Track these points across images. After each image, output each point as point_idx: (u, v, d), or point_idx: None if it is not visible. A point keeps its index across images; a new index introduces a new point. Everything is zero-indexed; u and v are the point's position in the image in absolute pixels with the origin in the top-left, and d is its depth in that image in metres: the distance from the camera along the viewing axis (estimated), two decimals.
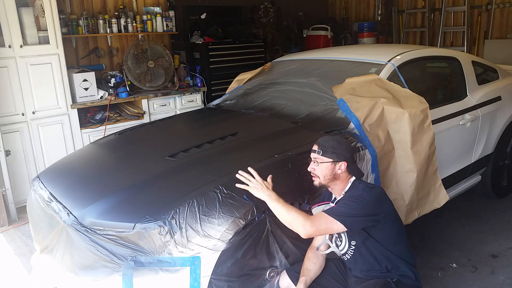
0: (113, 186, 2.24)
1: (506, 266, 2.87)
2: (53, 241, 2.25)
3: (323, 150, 2.03)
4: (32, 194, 2.57)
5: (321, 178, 2.04)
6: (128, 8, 4.95)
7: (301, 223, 1.85)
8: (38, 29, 4.04)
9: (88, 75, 4.36)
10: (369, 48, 4.00)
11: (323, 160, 2.02)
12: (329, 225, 1.87)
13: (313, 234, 1.89)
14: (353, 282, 2.07)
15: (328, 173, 2.02)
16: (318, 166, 2.03)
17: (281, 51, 7.92)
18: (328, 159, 2.02)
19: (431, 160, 2.63)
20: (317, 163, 2.03)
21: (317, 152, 2.04)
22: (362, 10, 8.81)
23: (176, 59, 5.27)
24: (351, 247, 2.02)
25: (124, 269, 1.84)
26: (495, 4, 6.72)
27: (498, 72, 3.77)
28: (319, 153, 2.03)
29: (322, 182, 2.04)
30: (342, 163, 2.02)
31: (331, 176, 2.03)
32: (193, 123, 3.33)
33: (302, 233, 1.86)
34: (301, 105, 2.97)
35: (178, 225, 1.85)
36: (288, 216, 1.89)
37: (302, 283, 2.00)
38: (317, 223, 1.86)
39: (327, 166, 2.02)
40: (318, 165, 2.03)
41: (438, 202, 2.72)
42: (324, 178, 2.03)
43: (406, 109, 2.53)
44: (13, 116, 3.92)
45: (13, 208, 3.87)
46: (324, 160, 2.02)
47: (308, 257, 2.10)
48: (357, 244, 2.00)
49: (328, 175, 2.02)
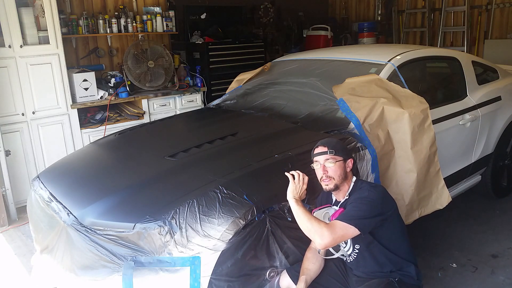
0: (113, 186, 2.24)
1: (506, 266, 2.86)
2: (53, 241, 2.24)
3: (334, 149, 2.02)
4: (32, 194, 2.57)
5: (336, 179, 2.00)
6: (128, 8, 4.95)
7: (318, 233, 1.81)
8: (38, 29, 4.05)
9: (88, 75, 4.36)
10: (369, 48, 4.00)
11: (337, 159, 2.01)
12: (344, 231, 1.84)
13: (330, 245, 1.84)
14: (354, 281, 2.06)
15: (341, 172, 2.01)
16: (334, 165, 2.00)
17: (281, 51, 7.92)
18: (340, 158, 2.02)
19: (432, 160, 2.62)
20: (333, 162, 2.00)
21: (329, 153, 2.01)
22: (362, 10, 8.82)
23: (176, 59, 5.27)
24: (354, 250, 2.02)
25: (124, 269, 1.84)
26: (495, 4, 6.72)
27: (498, 72, 3.77)
28: (331, 153, 2.01)
29: (337, 183, 2.01)
30: (350, 160, 2.04)
31: (344, 175, 2.02)
32: (193, 123, 3.33)
33: (320, 243, 1.82)
34: (301, 105, 2.97)
35: (178, 225, 1.85)
36: (308, 224, 1.85)
37: (302, 282, 2.00)
38: (334, 231, 1.82)
39: (340, 164, 2.02)
40: (334, 164, 2.00)
41: (441, 203, 2.71)
42: (339, 178, 2.01)
43: (406, 109, 2.52)
44: (13, 116, 3.92)
45: (13, 208, 3.87)
46: (337, 159, 2.01)
47: (307, 257, 2.09)
48: (361, 248, 1.99)
49: (342, 174, 2.01)
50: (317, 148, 2.06)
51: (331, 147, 2.02)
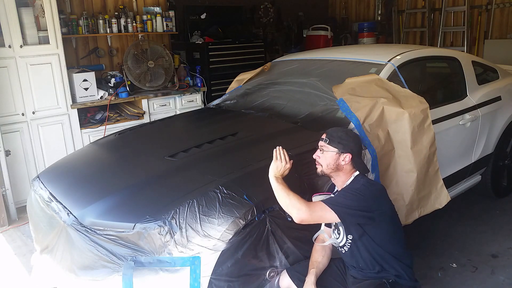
0: (113, 186, 2.24)
1: (506, 266, 2.87)
2: (53, 241, 2.24)
3: (330, 139, 2.06)
4: (32, 194, 2.57)
5: (323, 167, 2.07)
6: (128, 8, 4.95)
7: (296, 207, 1.87)
8: (38, 29, 4.04)
9: (88, 75, 4.36)
10: (369, 48, 4.00)
11: (328, 148, 2.05)
12: (323, 213, 1.89)
13: (306, 220, 1.89)
14: (351, 282, 2.07)
15: (331, 162, 2.05)
16: (322, 154, 2.06)
17: (281, 51, 7.92)
18: (333, 149, 2.05)
19: (432, 160, 2.62)
20: (322, 150, 2.06)
21: (324, 140, 2.07)
22: (362, 10, 8.81)
23: (176, 59, 5.27)
24: (348, 240, 2.03)
25: (124, 269, 1.84)
26: (495, 4, 6.71)
27: (498, 72, 3.77)
28: (325, 141, 2.07)
29: (324, 170, 2.07)
30: (346, 155, 2.05)
31: (334, 167, 2.05)
32: (193, 123, 3.33)
33: (296, 216, 1.87)
34: (301, 105, 2.97)
35: (178, 225, 1.85)
36: (286, 199, 1.90)
37: (312, 275, 2.01)
38: (312, 209, 1.88)
39: (332, 155, 2.04)
40: (323, 153, 2.06)
41: (440, 202, 2.72)
42: (326, 167, 2.06)
43: (406, 109, 2.52)
44: (13, 116, 3.92)
45: (13, 208, 3.87)
46: (329, 149, 2.05)
47: (316, 249, 2.13)
48: (353, 238, 2.01)
49: (331, 164, 2.05)
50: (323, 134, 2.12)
51: (328, 136, 2.08)
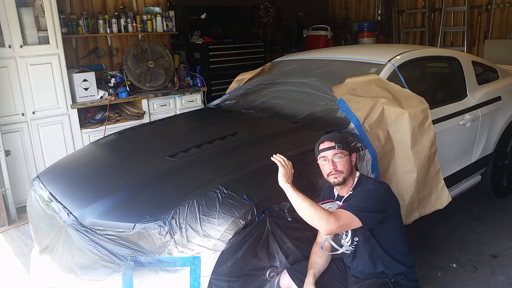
0: (113, 186, 2.24)
1: (506, 266, 2.87)
2: (53, 241, 2.24)
3: (341, 143, 2.03)
4: (32, 194, 2.57)
5: (345, 173, 2.01)
6: (128, 8, 4.95)
7: (324, 219, 1.79)
8: (38, 29, 4.04)
9: (88, 75, 4.36)
10: (369, 48, 4.00)
11: (345, 153, 2.03)
12: (349, 221, 1.83)
13: (334, 231, 1.83)
14: (352, 282, 2.07)
15: (349, 166, 2.03)
16: (343, 159, 2.01)
17: (281, 51, 7.93)
18: (347, 152, 2.04)
19: (432, 160, 2.62)
20: (342, 156, 2.02)
21: (338, 147, 2.02)
22: (362, 10, 8.81)
23: (176, 59, 5.27)
24: (353, 242, 2.03)
25: (124, 269, 1.84)
26: (495, 4, 6.71)
27: (498, 72, 3.76)
28: (340, 147, 2.02)
29: (345, 176, 2.02)
30: (353, 155, 2.07)
31: (351, 169, 2.04)
32: (193, 123, 3.33)
33: (325, 229, 1.80)
34: (301, 105, 2.97)
35: (178, 225, 1.85)
36: (310, 210, 1.82)
37: (311, 275, 2.01)
38: (339, 219, 1.81)
39: (347, 159, 2.04)
40: (343, 158, 2.02)
41: (441, 203, 2.71)
42: (347, 171, 2.02)
43: (406, 109, 2.52)
44: (13, 116, 3.92)
45: (13, 208, 3.87)
46: (345, 153, 2.03)
47: (314, 251, 2.11)
48: (359, 241, 2.00)
49: (349, 168, 2.03)
50: (323, 144, 2.06)
51: (338, 142, 2.03)
